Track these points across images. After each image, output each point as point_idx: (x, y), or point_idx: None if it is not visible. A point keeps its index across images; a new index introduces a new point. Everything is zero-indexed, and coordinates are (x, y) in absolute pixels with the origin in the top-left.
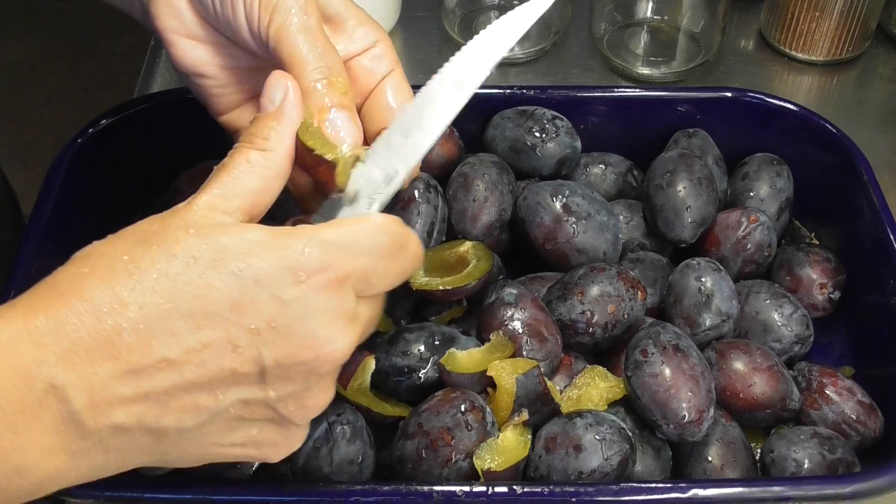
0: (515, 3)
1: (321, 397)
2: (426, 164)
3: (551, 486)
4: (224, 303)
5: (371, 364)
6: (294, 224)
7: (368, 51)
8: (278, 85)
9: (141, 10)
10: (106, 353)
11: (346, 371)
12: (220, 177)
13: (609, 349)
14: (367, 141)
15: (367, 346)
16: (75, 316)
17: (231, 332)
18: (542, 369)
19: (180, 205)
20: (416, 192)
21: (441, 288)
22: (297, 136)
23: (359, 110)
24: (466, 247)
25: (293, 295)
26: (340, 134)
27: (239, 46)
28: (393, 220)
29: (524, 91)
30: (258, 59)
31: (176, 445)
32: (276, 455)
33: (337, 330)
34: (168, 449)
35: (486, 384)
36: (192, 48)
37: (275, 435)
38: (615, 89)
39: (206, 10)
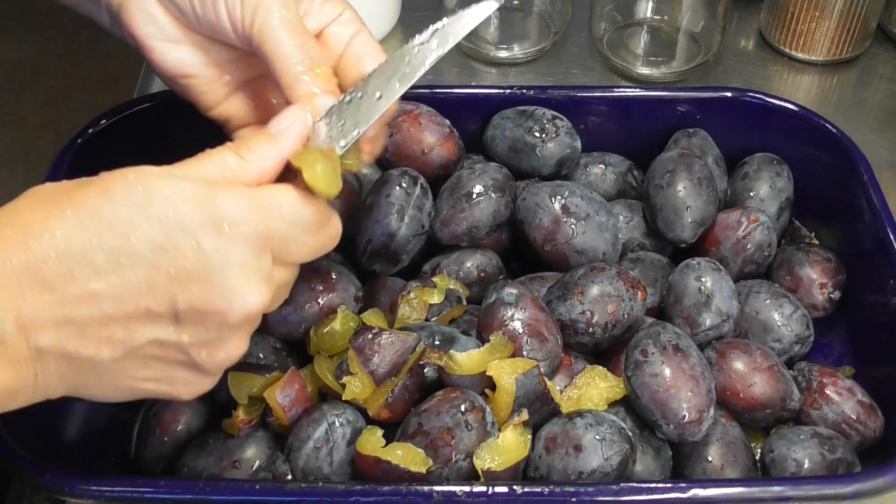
0: (515, 2)
1: (233, 349)
2: (425, 161)
3: (551, 486)
4: (148, 244)
5: None
6: None
7: (336, 19)
8: (289, 118)
9: (109, 17)
10: (33, 279)
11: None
12: (188, 160)
13: (609, 349)
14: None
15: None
16: (6, 243)
17: (150, 272)
18: (542, 369)
19: None
20: (393, 176)
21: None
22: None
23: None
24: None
25: (214, 245)
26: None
27: (218, 42)
28: (319, 200)
29: (524, 91)
30: (237, 50)
31: (93, 375)
32: (187, 393)
33: (252, 285)
34: (85, 379)
35: (486, 384)
36: (172, 51)
37: (187, 375)
38: (615, 89)
39: (185, 14)
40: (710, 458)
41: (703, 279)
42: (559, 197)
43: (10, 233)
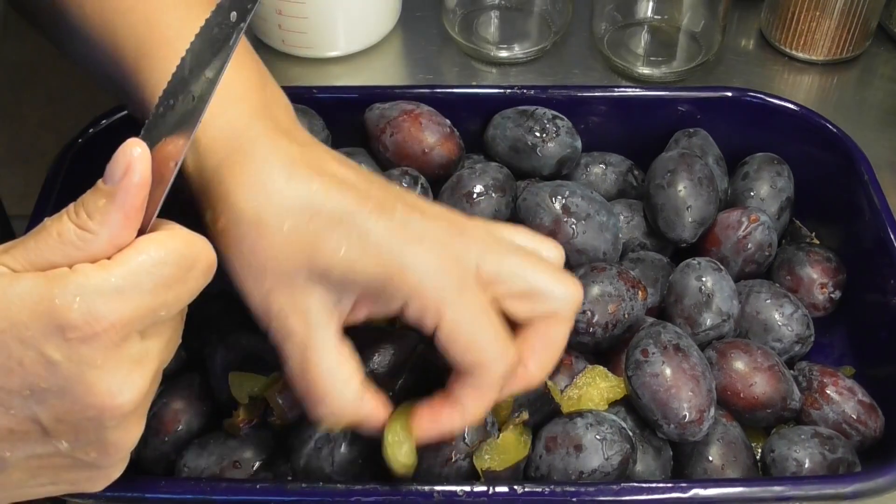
0: (515, 2)
1: (125, 438)
2: (426, 161)
3: (552, 486)
4: None
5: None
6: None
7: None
8: (120, 166)
9: None
10: None
11: None
12: (25, 241)
13: (610, 349)
14: None
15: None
16: None
17: (0, 395)
18: None
19: None
20: (393, 176)
21: None
22: None
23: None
24: None
25: (63, 354)
26: None
27: None
28: (177, 240)
29: (524, 91)
30: None
31: None
32: (93, 487)
33: (120, 380)
34: None
35: None
36: None
37: (86, 474)
38: (615, 89)
39: None
40: (710, 458)
41: (703, 279)
42: (560, 197)
43: None
